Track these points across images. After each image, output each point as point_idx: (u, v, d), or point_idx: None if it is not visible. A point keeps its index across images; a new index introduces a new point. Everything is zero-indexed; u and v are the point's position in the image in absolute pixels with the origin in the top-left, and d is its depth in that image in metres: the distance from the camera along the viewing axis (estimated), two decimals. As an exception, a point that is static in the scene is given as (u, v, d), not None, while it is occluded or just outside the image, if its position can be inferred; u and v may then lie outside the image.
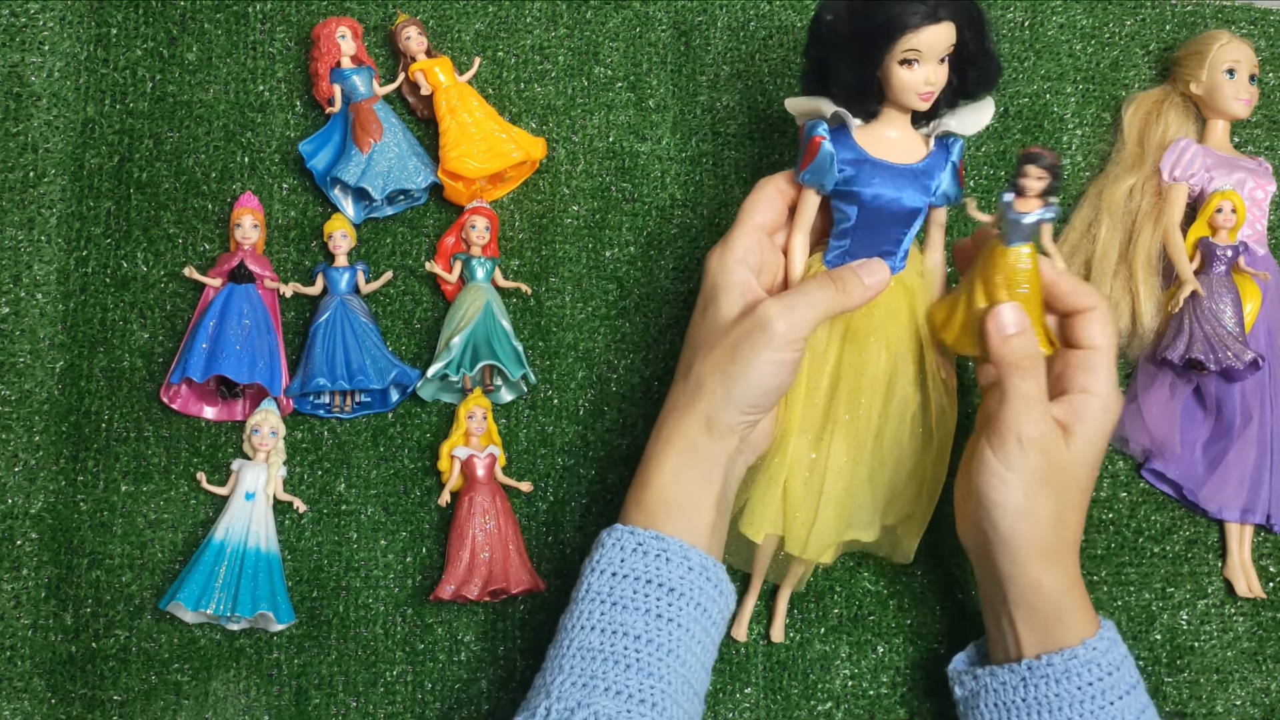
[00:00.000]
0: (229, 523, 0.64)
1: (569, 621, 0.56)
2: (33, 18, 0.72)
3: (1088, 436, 0.58)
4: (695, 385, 0.57)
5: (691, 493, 0.57)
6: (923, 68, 0.56)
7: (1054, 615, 0.58)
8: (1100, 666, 0.57)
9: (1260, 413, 0.72)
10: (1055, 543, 0.58)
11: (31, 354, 0.68)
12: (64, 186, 0.70)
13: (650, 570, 0.55)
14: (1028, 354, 0.57)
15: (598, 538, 0.57)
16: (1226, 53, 0.75)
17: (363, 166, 0.69)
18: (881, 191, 0.58)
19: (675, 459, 0.57)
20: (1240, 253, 0.73)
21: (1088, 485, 0.59)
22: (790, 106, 0.61)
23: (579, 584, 0.57)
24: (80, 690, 0.64)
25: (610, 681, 0.52)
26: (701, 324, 0.59)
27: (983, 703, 0.60)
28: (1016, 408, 0.57)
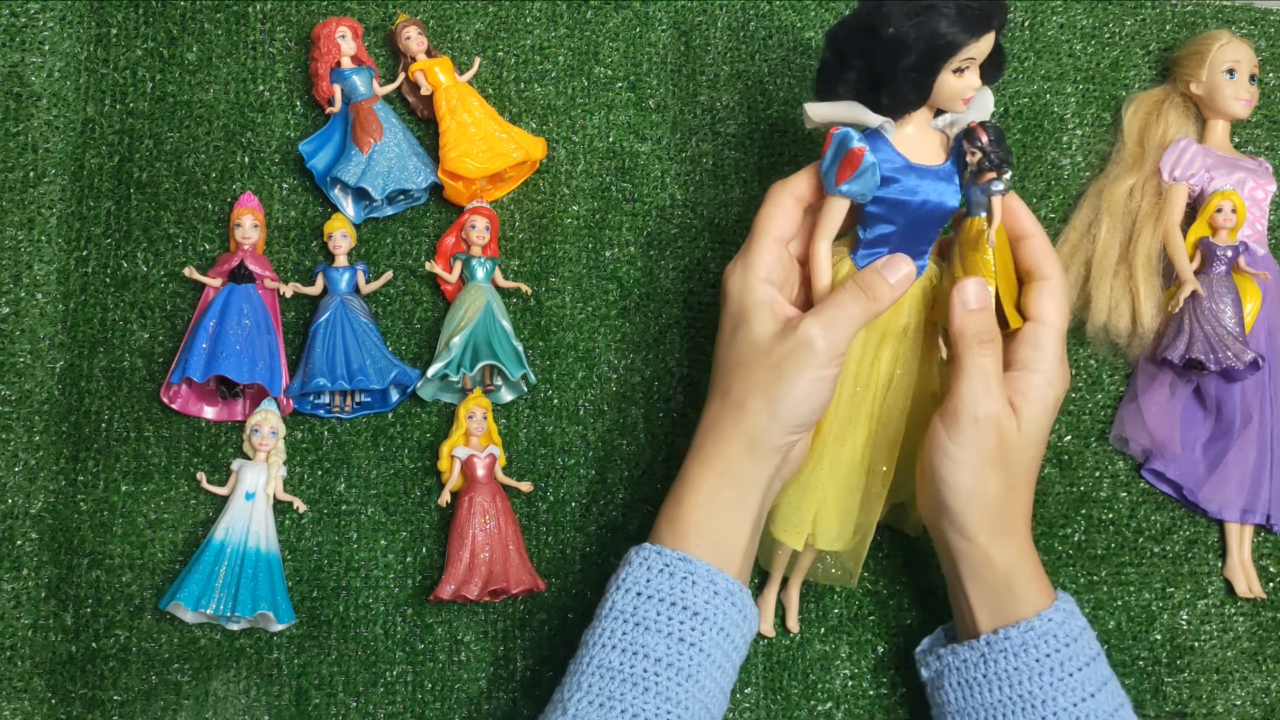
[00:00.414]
0: (229, 523, 0.64)
1: (591, 638, 0.55)
2: (33, 18, 0.72)
3: (1033, 415, 0.57)
4: (736, 406, 0.57)
5: (727, 516, 0.56)
6: (970, 74, 0.56)
7: (1005, 587, 0.58)
8: (1057, 638, 0.57)
9: (1260, 413, 0.72)
10: (1002, 518, 0.58)
11: (32, 354, 0.68)
12: (64, 186, 0.70)
13: (675, 593, 0.54)
14: (985, 329, 0.57)
15: (625, 555, 0.57)
16: (1227, 53, 0.75)
17: (363, 166, 0.69)
18: (929, 197, 0.58)
19: (714, 481, 0.57)
20: (1240, 253, 0.73)
21: (1034, 464, 0.59)
22: (815, 113, 0.59)
23: (604, 600, 0.56)
24: (80, 690, 0.64)
25: (628, 704, 0.52)
26: (733, 344, 0.58)
27: (946, 682, 0.60)
28: (974, 385, 0.56)
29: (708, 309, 0.73)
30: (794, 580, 0.68)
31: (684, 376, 0.71)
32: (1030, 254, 0.59)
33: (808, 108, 0.59)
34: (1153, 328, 0.73)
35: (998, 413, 0.56)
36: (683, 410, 0.71)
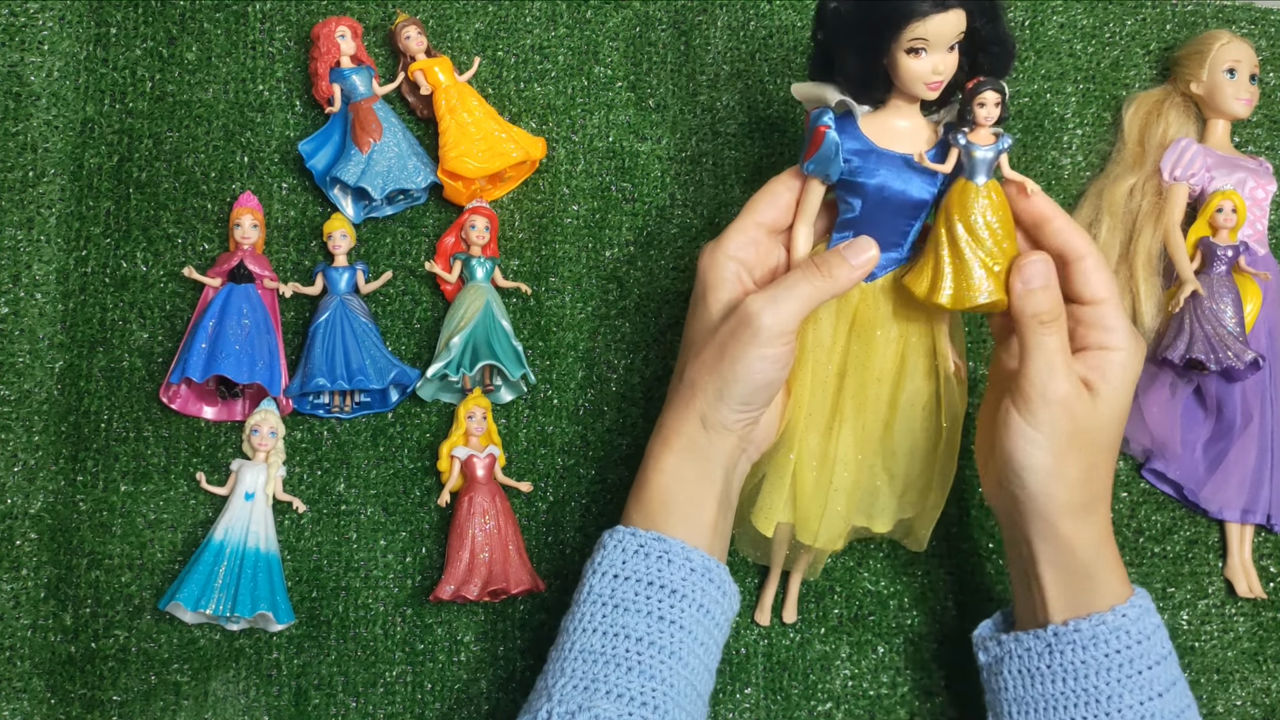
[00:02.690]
0: (228, 523, 0.64)
1: (570, 624, 0.55)
2: (32, 17, 0.72)
3: (1112, 393, 0.55)
4: (688, 385, 0.57)
5: (692, 493, 0.56)
6: (930, 56, 0.54)
7: (1085, 575, 0.56)
8: (1130, 634, 0.55)
9: (1261, 413, 0.71)
10: (1086, 500, 0.56)
11: (31, 354, 0.68)
12: (63, 186, 0.70)
13: (652, 572, 0.54)
14: (1047, 308, 0.55)
15: (599, 539, 0.57)
16: (1227, 52, 0.75)
17: (362, 166, 0.69)
18: (887, 183, 0.56)
19: (674, 459, 0.57)
20: (1241, 252, 0.73)
21: (1115, 442, 0.57)
22: (796, 92, 0.58)
23: (580, 586, 0.56)
24: (80, 690, 0.64)
25: (612, 684, 0.52)
26: (693, 322, 0.59)
27: (1006, 669, 0.58)
28: (1040, 365, 0.55)
29: (708, 309, 0.73)
30: (794, 575, 0.68)
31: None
32: (1057, 236, 0.57)
33: (793, 88, 0.59)
34: (1153, 328, 0.73)
35: (1068, 392, 0.54)
36: (683, 410, 0.71)
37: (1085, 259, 0.56)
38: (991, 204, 0.56)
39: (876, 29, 0.53)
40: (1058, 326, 0.55)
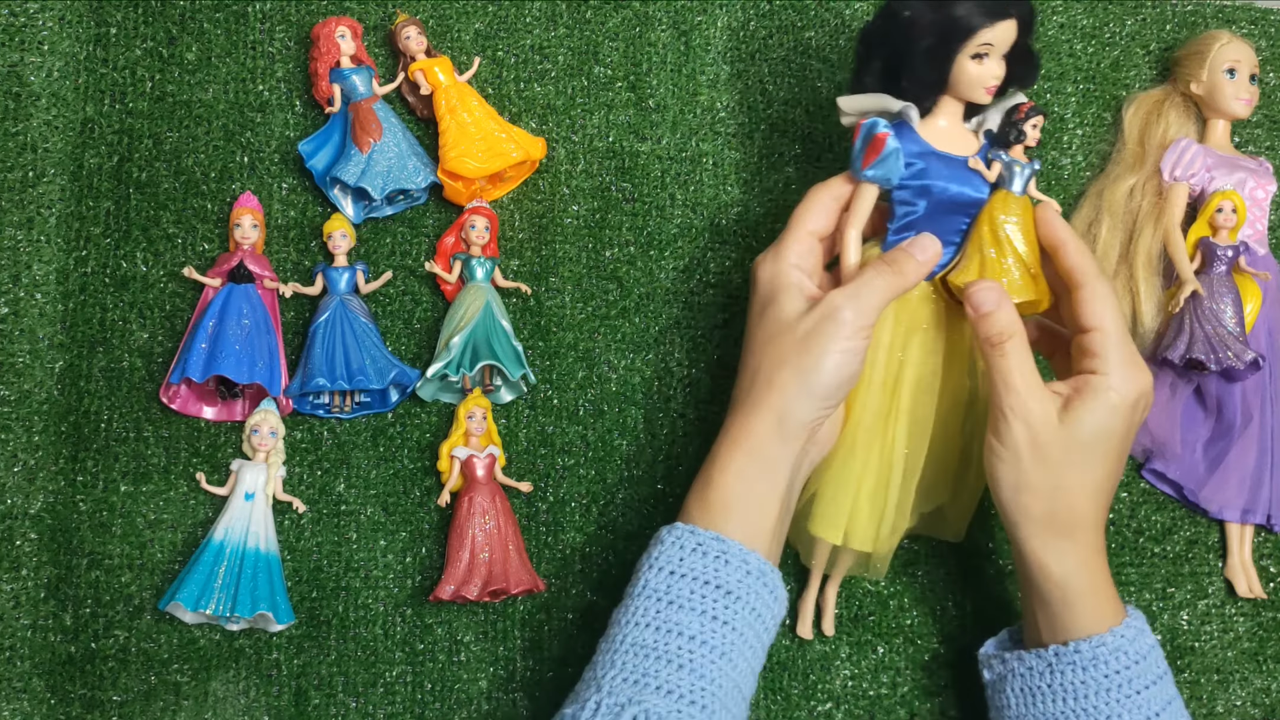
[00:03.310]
0: (228, 523, 0.64)
1: (623, 616, 0.55)
2: (32, 17, 0.72)
3: (1087, 415, 0.57)
4: (765, 383, 0.57)
5: (756, 495, 0.56)
6: (991, 61, 0.58)
7: (1061, 600, 0.58)
8: (1127, 654, 0.57)
9: (1261, 413, 0.71)
10: (1054, 520, 0.57)
11: (31, 354, 0.68)
12: (63, 186, 0.70)
13: (709, 572, 0.55)
14: (999, 329, 0.57)
15: (656, 534, 0.57)
16: (1227, 53, 0.75)
17: (362, 166, 0.69)
18: (950, 183, 0.59)
19: (742, 459, 0.57)
20: (1241, 252, 0.73)
21: (1091, 464, 0.57)
22: (846, 105, 0.61)
23: (635, 579, 0.56)
24: (80, 690, 0.64)
25: (662, 680, 0.52)
26: (761, 324, 0.59)
27: (1009, 687, 0.60)
28: (998, 383, 0.58)
29: (708, 309, 0.73)
30: (832, 581, 0.67)
31: (684, 376, 0.71)
32: (1066, 261, 0.59)
33: (839, 101, 0.61)
34: (1153, 328, 0.73)
35: (1027, 407, 0.57)
36: (682, 410, 0.71)
37: (1086, 288, 0.58)
38: (1026, 214, 0.60)
39: (950, 33, 0.57)
40: (1011, 347, 0.57)
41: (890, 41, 0.59)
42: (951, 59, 0.58)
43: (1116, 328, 0.58)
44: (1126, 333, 0.58)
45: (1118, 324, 0.58)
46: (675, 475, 0.70)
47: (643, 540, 0.68)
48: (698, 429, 0.71)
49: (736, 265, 0.73)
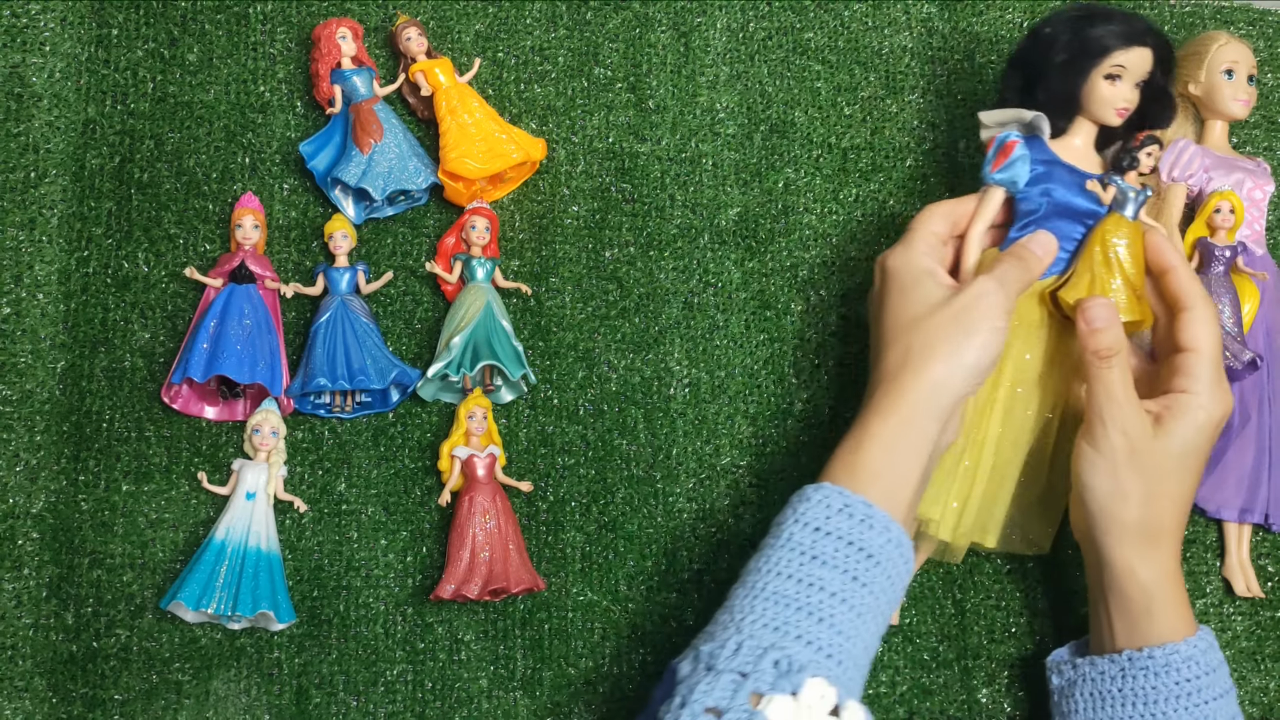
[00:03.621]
0: (230, 522, 0.64)
1: (762, 565, 0.56)
2: (34, 18, 0.72)
3: (1176, 428, 0.60)
4: (920, 358, 0.59)
5: (901, 465, 0.58)
6: (1124, 84, 0.63)
7: (1144, 607, 0.60)
8: (1199, 665, 0.59)
9: (1258, 412, 0.72)
10: (1145, 527, 0.60)
11: (33, 354, 0.68)
12: (65, 187, 0.70)
13: (854, 533, 0.56)
14: (1106, 345, 0.60)
15: (801, 491, 0.58)
16: (1225, 53, 0.75)
17: (363, 167, 0.69)
18: (1071, 192, 0.63)
19: (894, 430, 0.58)
20: (1238, 253, 0.73)
21: (1180, 476, 0.60)
22: (986, 118, 0.66)
23: (777, 532, 0.57)
24: (81, 689, 0.64)
25: (802, 630, 0.53)
26: (904, 306, 0.61)
27: (1078, 692, 0.61)
28: (1099, 394, 0.60)
29: (708, 309, 0.73)
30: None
31: (684, 376, 0.72)
32: (1173, 286, 0.63)
33: (981, 115, 0.66)
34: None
35: (1126, 418, 0.60)
36: (682, 410, 0.71)
37: (1192, 311, 0.62)
38: (1136, 237, 0.63)
39: (1085, 50, 0.63)
40: (1116, 361, 0.60)
41: (1031, 58, 0.65)
42: (1085, 75, 0.63)
43: (1213, 351, 0.61)
44: (1220, 357, 0.61)
45: (1215, 348, 0.61)
46: (676, 475, 0.70)
47: (643, 540, 0.69)
48: (698, 429, 0.71)
49: (737, 265, 0.74)
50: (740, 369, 0.72)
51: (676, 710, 0.50)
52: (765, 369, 0.72)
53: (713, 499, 0.70)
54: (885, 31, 0.79)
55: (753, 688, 0.50)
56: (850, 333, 0.73)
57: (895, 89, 0.78)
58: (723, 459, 0.71)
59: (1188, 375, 0.61)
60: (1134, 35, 0.63)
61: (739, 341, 0.73)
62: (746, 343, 0.73)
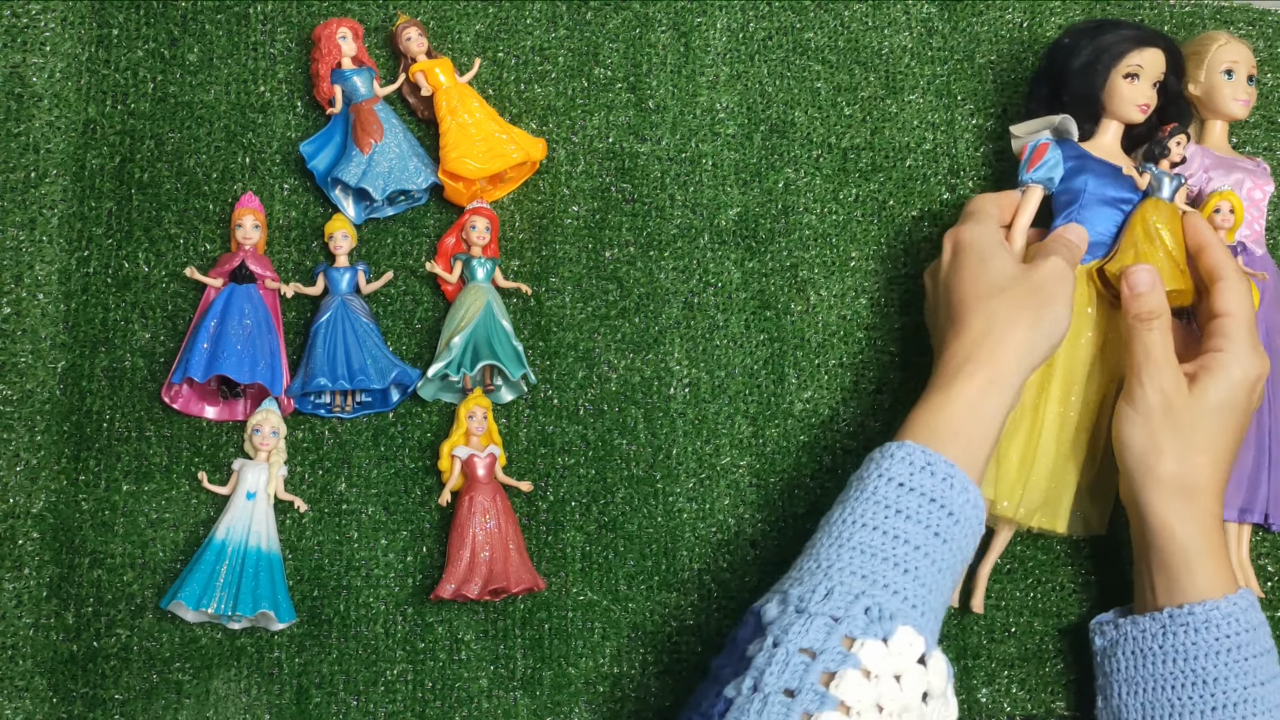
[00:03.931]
0: (230, 522, 0.65)
1: (846, 517, 0.57)
2: (34, 18, 0.72)
3: (1210, 384, 0.63)
4: (1005, 325, 0.61)
5: (981, 429, 0.60)
6: (1142, 83, 0.69)
7: (1182, 562, 0.61)
8: (1239, 622, 0.60)
9: (1258, 413, 0.72)
10: (1181, 482, 0.62)
11: (33, 354, 0.68)
12: (65, 187, 0.70)
13: (936, 490, 0.57)
14: (1149, 309, 0.64)
15: (883, 448, 0.59)
16: (1225, 53, 0.75)
17: (363, 167, 0.69)
18: (1104, 180, 0.68)
19: (978, 393, 0.60)
20: (1238, 253, 0.73)
21: (1215, 433, 0.63)
22: (1018, 129, 0.72)
23: (860, 485, 0.58)
24: (82, 689, 0.64)
25: (889, 580, 0.54)
26: (983, 276, 0.63)
27: (1120, 650, 0.63)
28: (1139, 354, 0.64)
29: (708, 309, 0.73)
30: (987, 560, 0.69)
31: (684, 376, 0.72)
32: (1209, 259, 0.66)
33: (1013, 128, 0.72)
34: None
35: (1164, 378, 0.63)
36: (682, 410, 0.71)
37: (1225, 280, 0.65)
38: (1174, 217, 0.68)
39: (1103, 53, 0.69)
40: (1157, 324, 0.64)
41: (1054, 69, 0.71)
42: (1106, 76, 0.69)
43: (1245, 315, 0.64)
44: (1253, 323, 0.64)
45: (1247, 313, 0.64)
46: (676, 475, 0.70)
47: (643, 540, 0.69)
48: (698, 429, 0.71)
49: (737, 265, 0.74)
50: (740, 369, 0.72)
51: (770, 650, 0.51)
52: (765, 369, 0.72)
53: (713, 499, 0.70)
54: (885, 31, 0.79)
55: (845, 631, 0.51)
56: (850, 333, 0.73)
57: (895, 89, 0.78)
58: (723, 459, 0.71)
59: (1222, 336, 0.64)
60: (1146, 38, 0.69)
61: (739, 341, 0.73)
62: (746, 343, 0.73)
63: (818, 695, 0.49)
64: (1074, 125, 0.70)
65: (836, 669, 0.50)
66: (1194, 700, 0.60)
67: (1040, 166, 0.69)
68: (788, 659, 0.50)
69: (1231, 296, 0.65)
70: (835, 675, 0.50)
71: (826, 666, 0.50)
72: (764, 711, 0.49)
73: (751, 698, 0.49)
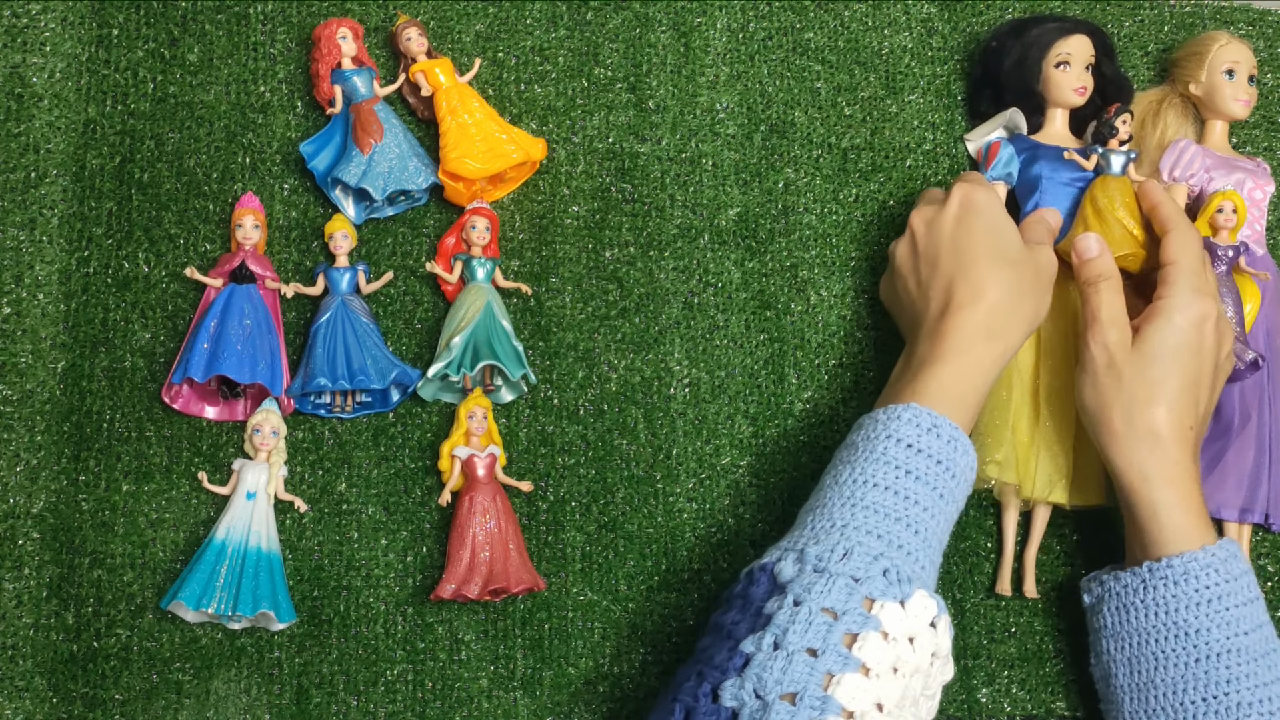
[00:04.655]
0: (230, 522, 0.65)
1: (856, 476, 0.58)
2: (34, 19, 0.72)
3: (1151, 332, 0.64)
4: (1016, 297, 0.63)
5: (980, 393, 0.62)
6: (1074, 69, 0.72)
7: (1150, 515, 0.62)
8: (1219, 572, 0.61)
9: (1259, 412, 0.72)
10: (1131, 433, 0.63)
11: (33, 354, 0.68)
12: (66, 187, 0.70)
13: (941, 452, 0.58)
14: (1097, 272, 0.66)
15: (889, 410, 0.60)
16: (1225, 53, 0.75)
17: (363, 167, 0.69)
18: (1058, 163, 0.72)
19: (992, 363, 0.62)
20: (1240, 253, 0.73)
21: (1166, 380, 0.63)
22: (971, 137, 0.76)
23: (867, 447, 0.59)
24: (82, 689, 0.64)
25: (902, 541, 0.55)
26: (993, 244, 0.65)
27: (1106, 607, 0.64)
28: (1087, 318, 0.66)
29: (708, 309, 0.73)
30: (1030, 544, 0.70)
31: (685, 377, 0.72)
32: (1160, 214, 0.68)
33: (965, 139, 0.77)
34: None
35: (1103, 334, 0.65)
36: (682, 410, 0.71)
37: (1173, 231, 0.67)
38: (1124, 189, 0.70)
39: (1031, 47, 0.72)
40: (1103, 285, 0.66)
41: (989, 71, 0.75)
42: (1038, 68, 0.72)
43: (1190, 262, 0.65)
44: (1201, 270, 0.65)
45: (1192, 261, 0.65)
46: (676, 475, 0.70)
47: (643, 540, 0.69)
48: (698, 429, 0.71)
49: (737, 265, 0.74)
50: (740, 369, 0.72)
51: (792, 608, 0.51)
52: (765, 369, 0.72)
53: (713, 499, 0.70)
54: (885, 31, 0.79)
55: (865, 593, 0.52)
56: (850, 333, 0.73)
57: (895, 89, 0.78)
58: (723, 459, 0.71)
59: (1164, 284, 0.65)
60: (1069, 26, 0.73)
61: (739, 341, 0.73)
62: (746, 343, 0.73)
63: (841, 656, 0.50)
64: (1023, 119, 0.74)
65: (859, 631, 0.51)
66: (1177, 652, 0.60)
67: (996, 164, 0.72)
68: (810, 618, 0.50)
69: (1176, 246, 0.66)
70: (857, 637, 0.51)
71: (849, 628, 0.51)
72: (787, 669, 0.49)
73: (774, 655, 0.50)
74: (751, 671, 0.50)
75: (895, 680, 0.51)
